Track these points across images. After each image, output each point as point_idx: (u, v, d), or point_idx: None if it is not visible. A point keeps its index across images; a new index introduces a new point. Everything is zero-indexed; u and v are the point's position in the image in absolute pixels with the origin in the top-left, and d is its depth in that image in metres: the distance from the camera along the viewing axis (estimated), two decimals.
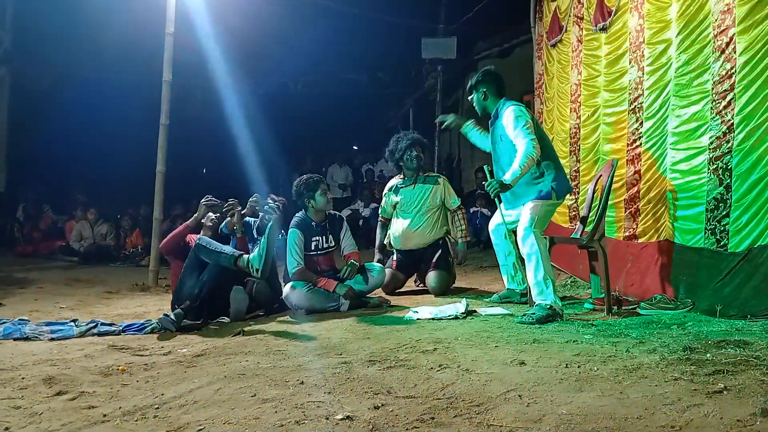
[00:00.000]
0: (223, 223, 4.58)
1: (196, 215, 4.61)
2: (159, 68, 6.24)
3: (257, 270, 3.96)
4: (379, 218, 5.48)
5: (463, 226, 5.23)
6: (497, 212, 4.43)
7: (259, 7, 9.11)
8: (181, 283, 4.14)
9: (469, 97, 4.32)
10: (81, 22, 9.83)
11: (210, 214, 4.58)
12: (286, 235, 4.56)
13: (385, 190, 5.44)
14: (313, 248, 4.58)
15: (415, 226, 5.12)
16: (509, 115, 3.97)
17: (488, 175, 4.10)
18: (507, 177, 3.88)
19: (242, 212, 4.58)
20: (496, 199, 4.06)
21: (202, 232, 4.55)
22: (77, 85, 10.98)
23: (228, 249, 4.13)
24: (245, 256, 4.02)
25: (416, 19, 10.96)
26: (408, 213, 5.16)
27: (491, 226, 4.52)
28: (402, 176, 5.30)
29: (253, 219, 4.73)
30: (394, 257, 5.25)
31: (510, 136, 3.98)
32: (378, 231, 5.45)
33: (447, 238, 5.27)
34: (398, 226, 5.20)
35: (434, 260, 5.07)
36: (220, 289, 4.07)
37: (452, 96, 11.77)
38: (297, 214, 4.66)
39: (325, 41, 11.06)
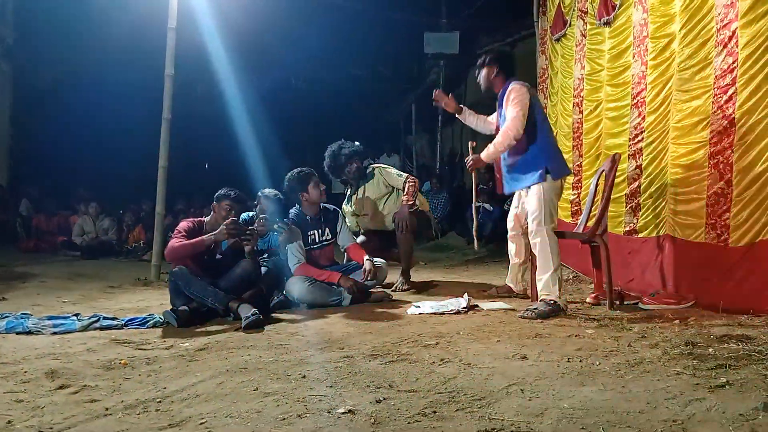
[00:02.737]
0: (225, 242, 4.21)
1: (215, 235, 4.01)
2: (161, 63, 6.22)
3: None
4: None
5: (408, 196, 5.07)
6: (512, 207, 4.43)
7: (261, 2, 9.08)
8: (173, 301, 4.03)
9: (477, 72, 4.26)
10: (83, 17, 9.82)
11: (224, 214, 4.16)
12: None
13: (343, 206, 5.46)
14: (309, 242, 4.58)
15: (377, 210, 5.25)
16: (509, 93, 3.97)
17: (470, 151, 4.19)
18: (484, 153, 4.04)
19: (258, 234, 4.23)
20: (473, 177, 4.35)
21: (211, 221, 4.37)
22: (79, 80, 10.99)
23: (212, 296, 3.85)
24: (236, 304, 3.78)
25: (418, 13, 10.94)
26: (364, 213, 5.30)
27: (509, 221, 4.47)
28: (349, 187, 5.45)
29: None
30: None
31: (505, 113, 4.00)
32: None
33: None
34: (363, 223, 5.36)
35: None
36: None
37: (455, 91, 11.71)
38: (291, 211, 4.66)
39: (327, 36, 11.03)
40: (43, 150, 11.20)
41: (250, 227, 4.20)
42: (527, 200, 4.02)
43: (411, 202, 5.03)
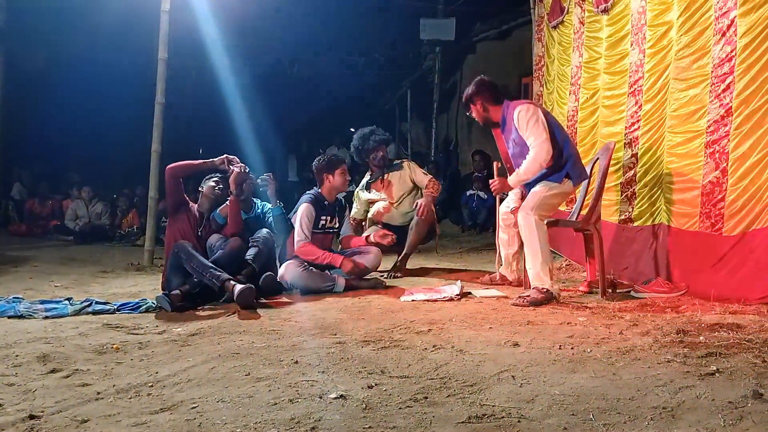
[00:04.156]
0: (217, 211, 4.43)
1: (213, 160, 4.40)
2: (154, 46, 6.17)
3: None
4: (350, 220, 5.34)
5: (432, 190, 5.18)
6: (508, 199, 4.43)
7: None
8: (168, 279, 4.07)
9: (468, 113, 4.25)
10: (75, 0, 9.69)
11: (212, 183, 4.42)
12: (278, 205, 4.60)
13: (357, 191, 5.56)
14: (320, 227, 4.59)
15: (394, 207, 5.25)
16: (519, 114, 3.90)
17: (495, 173, 4.14)
18: (511, 179, 3.98)
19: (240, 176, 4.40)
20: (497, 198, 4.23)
21: (200, 200, 4.46)
22: (72, 64, 10.86)
23: (211, 272, 3.87)
24: (232, 284, 3.79)
25: None
26: (383, 198, 5.29)
27: (503, 212, 4.45)
28: (370, 173, 5.49)
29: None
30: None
31: (523, 138, 3.92)
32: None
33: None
34: (377, 207, 5.31)
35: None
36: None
37: (450, 78, 11.69)
38: (309, 192, 4.69)
39: (321, 21, 10.95)
40: (35, 134, 11.10)
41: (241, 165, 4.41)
42: (533, 188, 3.98)
43: (434, 196, 5.16)
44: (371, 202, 5.40)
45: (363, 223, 5.47)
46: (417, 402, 2.05)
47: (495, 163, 4.36)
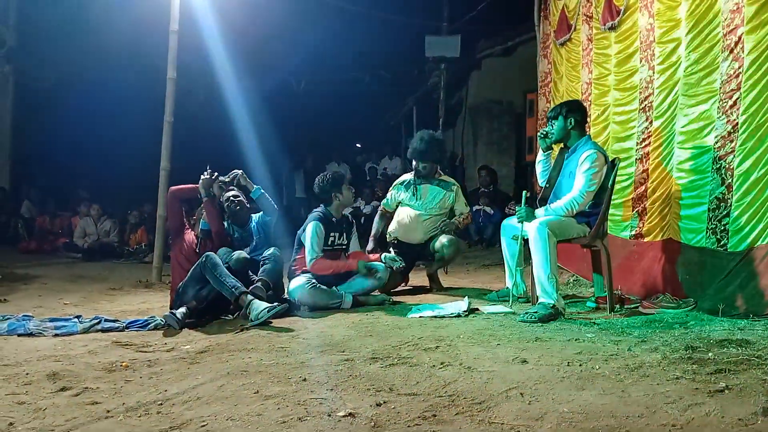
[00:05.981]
0: (201, 219, 4.60)
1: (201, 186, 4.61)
2: (163, 66, 6.24)
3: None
4: (380, 208, 5.46)
5: (461, 220, 5.25)
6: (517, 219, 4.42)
7: (263, 5, 9.11)
8: (183, 290, 4.12)
9: (553, 121, 4.15)
10: (85, 19, 9.85)
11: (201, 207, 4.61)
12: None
13: (396, 183, 5.45)
14: (329, 243, 4.61)
15: (420, 221, 5.16)
16: (588, 158, 3.91)
17: (523, 201, 4.13)
18: (540, 213, 3.96)
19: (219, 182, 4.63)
20: (520, 223, 4.13)
21: (195, 227, 4.64)
22: (81, 83, 11.01)
23: (231, 282, 3.98)
24: (248, 298, 3.90)
25: (420, 17, 10.96)
26: (415, 207, 5.19)
27: (509, 226, 4.47)
28: (414, 174, 5.32)
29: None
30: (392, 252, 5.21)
31: (576, 176, 3.95)
32: (376, 220, 5.44)
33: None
34: (403, 215, 5.22)
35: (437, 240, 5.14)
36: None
37: (455, 95, 11.75)
38: (316, 209, 4.72)
39: (328, 39, 11.07)
40: (45, 152, 11.22)
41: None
42: None
43: (460, 227, 5.27)
44: (400, 204, 5.31)
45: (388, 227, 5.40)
46: (425, 420, 2.05)
47: (525, 192, 4.33)
